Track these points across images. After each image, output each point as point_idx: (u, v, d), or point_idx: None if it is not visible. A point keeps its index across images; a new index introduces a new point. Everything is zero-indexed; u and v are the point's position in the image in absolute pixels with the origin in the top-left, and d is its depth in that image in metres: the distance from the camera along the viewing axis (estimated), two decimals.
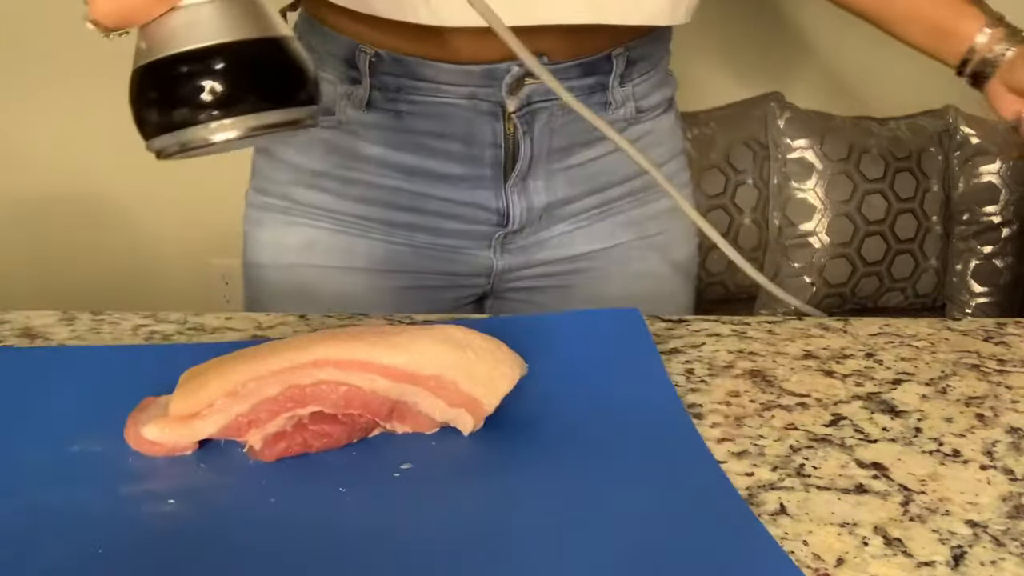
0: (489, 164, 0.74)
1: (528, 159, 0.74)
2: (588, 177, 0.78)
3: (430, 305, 0.79)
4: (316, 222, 0.76)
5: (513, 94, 0.71)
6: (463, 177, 0.75)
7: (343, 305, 0.75)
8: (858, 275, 1.99)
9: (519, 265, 0.80)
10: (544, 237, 0.79)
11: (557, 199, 0.77)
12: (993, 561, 0.40)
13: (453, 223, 0.77)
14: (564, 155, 0.76)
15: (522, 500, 0.43)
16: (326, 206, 0.76)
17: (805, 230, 1.96)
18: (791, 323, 0.67)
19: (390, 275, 0.77)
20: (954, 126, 2.01)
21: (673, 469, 0.46)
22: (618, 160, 0.78)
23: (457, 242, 0.78)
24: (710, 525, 0.42)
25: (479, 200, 0.76)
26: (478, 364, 0.47)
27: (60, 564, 0.38)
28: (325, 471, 0.45)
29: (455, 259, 0.78)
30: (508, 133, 0.73)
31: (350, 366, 0.46)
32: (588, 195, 0.79)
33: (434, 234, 0.77)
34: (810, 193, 1.95)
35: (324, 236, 0.77)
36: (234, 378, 0.46)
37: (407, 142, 0.74)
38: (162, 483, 0.44)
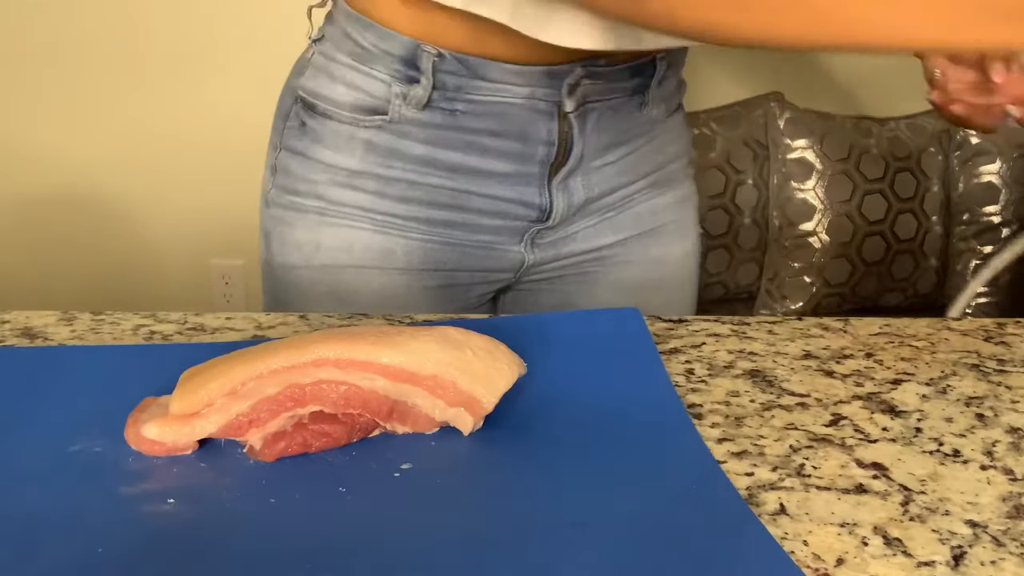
0: (538, 162, 0.75)
1: (579, 157, 0.76)
2: (618, 173, 0.80)
3: (460, 303, 0.80)
4: (354, 222, 0.75)
5: (572, 94, 0.73)
6: (510, 174, 0.75)
7: (380, 306, 0.76)
8: (858, 275, 1.99)
9: (548, 259, 0.81)
10: (572, 231, 0.81)
11: (593, 195, 0.79)
12: (993, 561, 0.40)
13: (492, 219, 0.77)
14: (604, 153, 0.78)
15: (522, 500, 0.43)
16: (364, 205, 0.75)
17: (805, 230, 1.96)
18: (791, 323, 0.67)
19: (427, 274, 0.77)
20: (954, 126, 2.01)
21: (673, 469, 0.46)
22: (641, 156, 0.81)
23: (492, 238, 0.78)
24: (710, 525, 0.42)
25: (523, 197, 0.76)
26: (476, 363, 0.48)
27: (60, 564, 0.38)
28: (325, 471, 0.45)
29: (488, 255, 0.79)
30: (563, 132, 0.74)
31: (350, 365, 0.46)
32: (616, 190, 0.81)
33: (470, 231, 0.77)
34: (810, 193, 1.95)
35: (363, 236, 0.76)
36: (234, 377, 0.46)
37: (457, 140, 0.73)
38: (162, 483, 0.44)
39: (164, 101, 2.03)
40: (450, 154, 0.74)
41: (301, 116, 0.76)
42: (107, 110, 2.04)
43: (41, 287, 2.15)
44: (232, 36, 1.99)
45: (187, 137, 2.07)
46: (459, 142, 0.73)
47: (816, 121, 1.96)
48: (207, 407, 0.46)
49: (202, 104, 2.04)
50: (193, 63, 2.00)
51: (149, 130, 2.04)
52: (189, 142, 2.08)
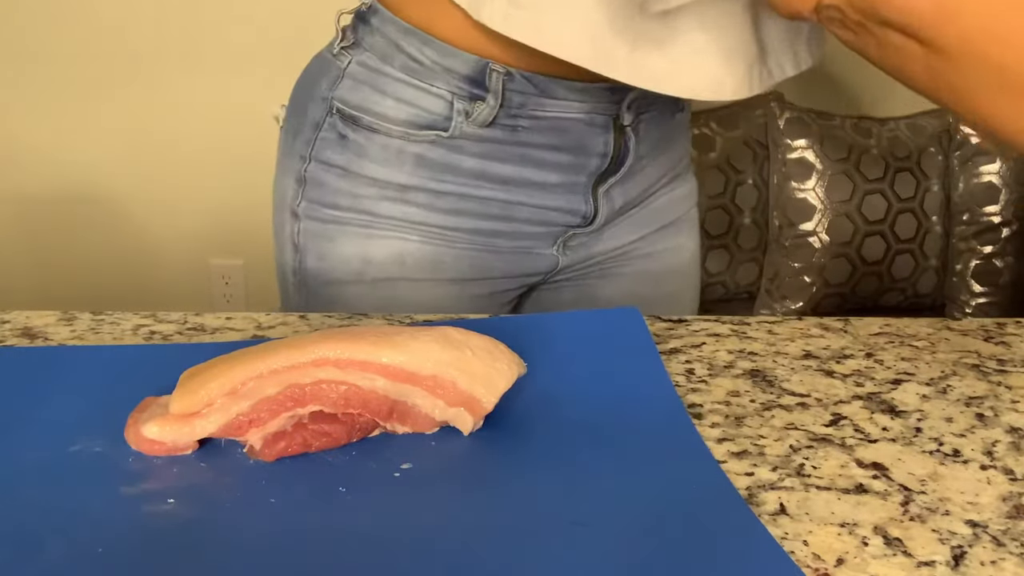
0: (589, 172, 0.76)
1: (629, 165, 0.78)
2: (645, 177, 0.82)
3: (497, 308, 0.80)
4: (403, 234, 0.74)
5: (630, 108, 0.75)
6: (559, 184, 0.75)
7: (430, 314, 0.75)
8: (858, 275, 1.99)
9: (579, 260, 0.82)
10: (601, 232, 0.82)
11: (629, 200, 0.81)
12: (993, 561, 0.40)
13: (535, 227, 0.77)
14: (643, 159, 0.80)
15: (522, 500, 0.43)
16: (414, 219, 0.74)
17: (805, 230, 1.96)
18: (791, 323, 0.67)
19: (475, 283, 0.77)
20: (954, 126, 2.01)
21: (673, 469, 0.46)
22: (667, 155, 0.83)
23: (530, 243, 0.78)
24: (710, 525, 0.42)
25: (570, 205, 0.77)
26: (476, 363, 0.48)
27: (60, 564, 0.38)
28: (325, 471, 0.45)
29: (525, 260, 0.79)
30: (618, 143, 0.75)
31: (350, 365, 0.46)
32: (644, 189, 0.83)
33: (513, 238, 0.77)
34: (810, 193, 1.95)
35: (413, 248, 0.75)
36: (234, 377, 0.46)
37: (512, 154, 0.73)
38: (162, 483, 0.44)
39: (164, 101, 2.03)
40: (503, 167, 0.73)
41: (339, 128, 0.74)
42: (107, 110, 2.04)
43: (41, 287, 2.16)
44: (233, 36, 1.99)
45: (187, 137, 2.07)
46: (515, 156, 0.73)
47: (816, 121, 1.96)
48: (207, 407, 0.46)
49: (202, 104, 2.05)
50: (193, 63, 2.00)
51: (149, 130, 2.04)
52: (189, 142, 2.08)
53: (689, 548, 0.40)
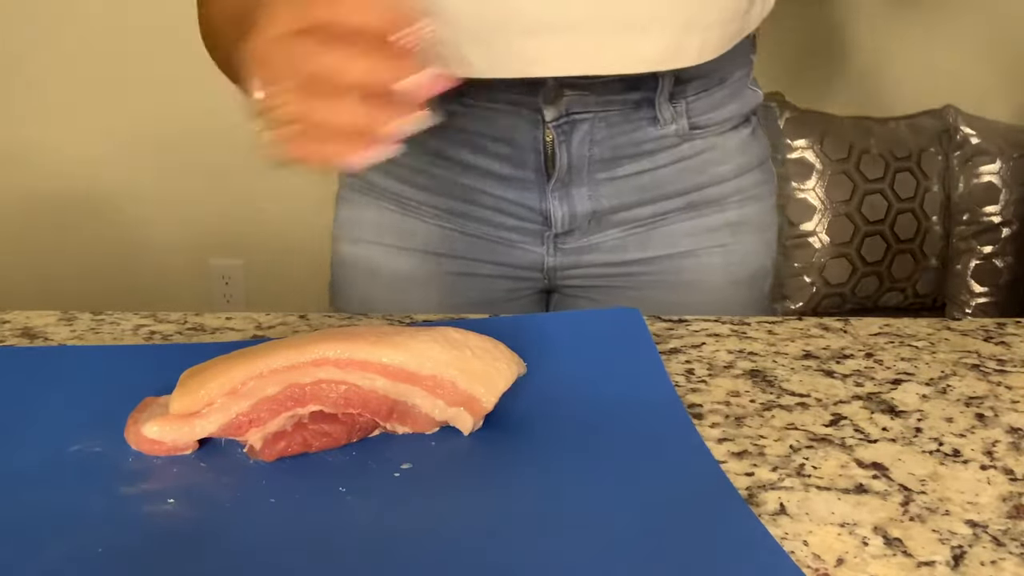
0: (532, 168, 0.76)
1: (566, 168, 0.76)
2: (638, 188, 0.78)
3: (482, 293, 0.83)
4: (386, 203, 0.82)
5: (551, 104, 0.73)
6: (511, 177, 0.77)
7: (403, 283, 0.82)
8: (858, 275, 1.99)
9: (570, 264, 0.81)
10: (596, 241, 0.80)
11: (604, 207, 0.78)
12: (993, 561, 0.40)
13: (505, 218, 0.79)
14: (609, 166, 0.77)
15: (522, 500, 0.43)
16: (395, 190, 0.81)
17: (805, 230, 1.96)
18: (791, 323, 0.67)
19: (445, 259, 0.82)
20: (954, 126, 2.01)
21: (673, 469, 0.46)
22: (674, 173, 0.78)
23: (511, 236, 0.80)
24: (710, 525, 0.42)
25: (524, 201, 0.78)
26: (475, 362, 0.48)
27: (60, 564, 0.38)
28: (325, 471, 0.45)
29: (509, 251, 0.81)
30: (547, 141, 0.74)
31: (350, 365, 0.46)
32: (640, 205, 0.79)
33: (490, 226, 0.80)
34: (810, 193, 1.95)
35: (391, 217, 0.82)
36: (234, 377, 0.46)
37: (462, 140, 0.77)
38: (162, 483, 0.44)
39: (164, 101, 2.03)
40: (460, 151, 0.77)
41: None
42: (107, 109, 2.04)
43: (41, 287, 2.15)
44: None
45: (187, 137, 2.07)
46: (464, 141, 0.76)
47: (816, 121, 1.96)
48: (207, 406, 0.46)
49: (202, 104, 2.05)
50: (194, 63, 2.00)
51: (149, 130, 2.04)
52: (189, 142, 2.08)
53: (689, 548, 0.40)
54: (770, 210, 0.84)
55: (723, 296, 0.82)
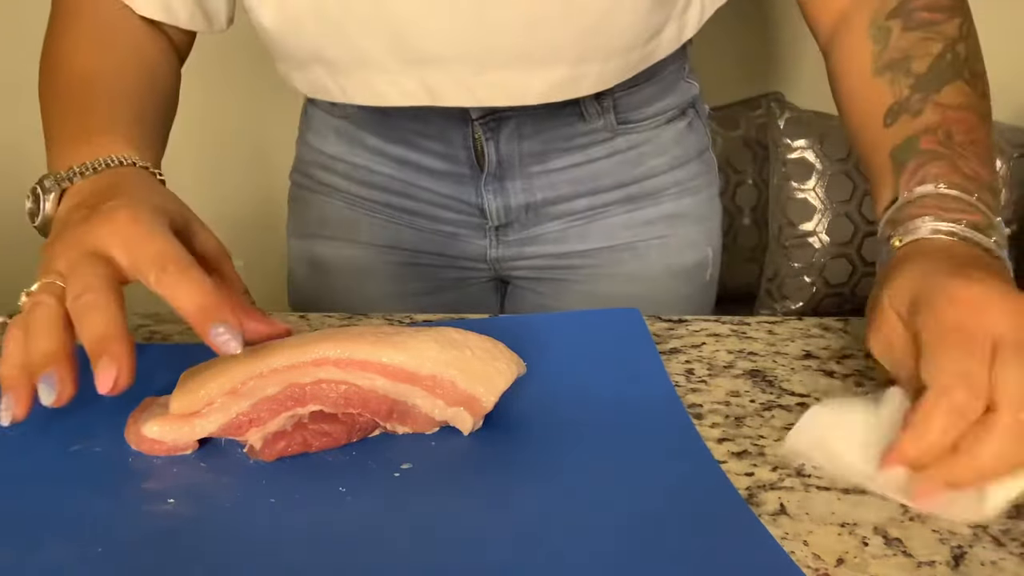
0: (465, 164, 0.78)
1: (495, 163, 0.78)
2: (573, 181, 0.80)
3: (430, 283, 0.85)
4: (330, 199, 0.84)
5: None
6: (445, 172, 0.80)
7: (349, 273, 0.85)
8: (858, 275, 1.99)
9: (513, 256, 0.84)
10: (536, 232, 0.82)
11: (538, 200, 0.80)
12: (993, 561, 0.40)
13: (444, 212, 0.82)
14: (541, 159, 0.78)
15: (522, 500, 0.43)
16: (337, 186, 0.84)
17: (805, 230, 1.96)
18: (791, 323, 0.67)
19: (391, 251, 0.84)
20: None
21: (673, 469, 0.46)
22: (609, 166, 0.80)
23: (453, 228, 0.83)
24: (710, 525, 0.42)
25: (460, 195, 0.80)
26: (475, 362, 0.48)
27: (60, 564, 0.38)
28: (325, 471, 0.45)
29: (452, 243, 0.84)
30: (476, 137, 0.76)
31: (349, 365, 0.46)
32: (577, 197, 0.81)
33: (431, 220, 0.83)
34: (810, 193, 1.95)
35: (334, 211, 0.84)
36: (234, 376, 0.46)
37: (397, 137, 0.79)
38: (162, 483, 0.44)
39: None
40: (396, 148, 0.80)
41: (306, 105, 0.86)
42: None
43: None
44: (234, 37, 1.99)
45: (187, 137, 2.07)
46: (399, 138, 0.79)
47: (816, 121, 1.96)
48: (207, 406, 0.46)
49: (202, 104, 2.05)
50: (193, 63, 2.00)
51: None
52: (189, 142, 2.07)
53: (689, 548, 0.40)
54: (709, 200, 0.86)
55: (663, 287, 0.84)
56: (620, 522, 0.41)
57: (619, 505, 0.43)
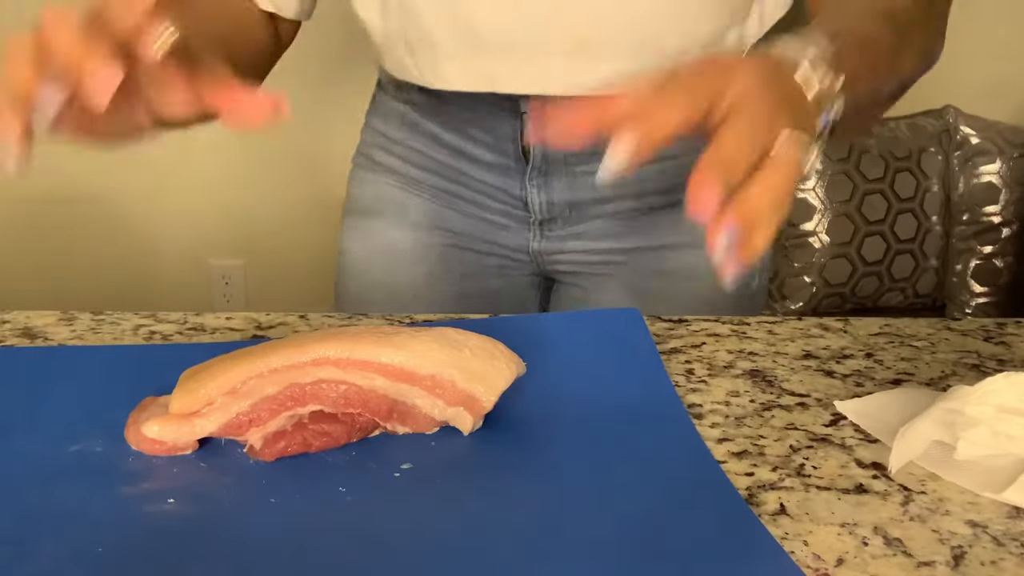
0: (512, 157, 0.79)
1: (541, 157, 0.78)
2: (618, 184, 0.79)
3: (474, 267, 0.86)
4: (385, 178, 0.87)
5: (529, 96, 0.75)
6: (493, 164, 0.81)
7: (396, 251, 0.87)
8: (858, 275, 1.99)
9: (555, 250, 0.84)
10: (580, 229, 0.83)
11: (582, 199, 0.80)
12: (993, 561, 0.40)
13: (490, 201, 0.83)
14: (587, 160, 0.78)
15: (522, 500, 0.43)
16: (394, 168, 0.86)
17: (805, 230, 1.96)
18: (791, 323, 0.67)
19: (438, 232, 0.86)
20: (954, 126, 2.01)
21: (673, 469, 0.46)
22: (654, 171, 0.79)
23: (498, 218, 0.84)
24: (710, 525, 0.42)
25: (505, 186, 0.81)
26: (475, 361, 0.48)
27: (60, 564, 0.38)
28: (325, 471, 0.45)
29: (497, 232, 0.85)
30: (524, 131, 0.77)
31: (349, 365, 0.46)
32: (620, 199, 0.81)
33: (479, 207, 0.84)
34: (810, 193, 1.95)
35: (388, 191, 0.87)
36: (234, 376, 0.46)
37: (453, 125, 0.81)
38: (162, 483, 0.44)
39: None
40: (450, 135, 0.81)
41: (376, 92, 0.89)
42: None
43: (41, 287, 2.15)
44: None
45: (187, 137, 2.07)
46: (454, 127, 0.81)
47: None
48: (207, 406, 0.46)
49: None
50: None
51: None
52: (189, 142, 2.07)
53: (689, 548, 0.40)
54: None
55: (708, 289, 0.83)
56: (620, 522, 0.41)
57: (619, 505, 0.43)
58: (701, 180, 0.41)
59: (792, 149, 0.43)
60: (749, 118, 0.43)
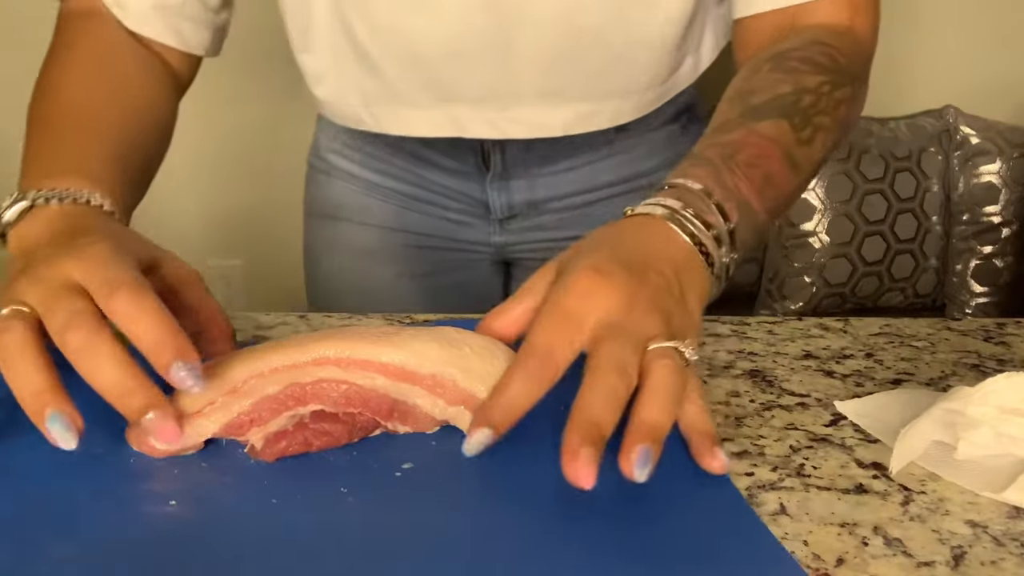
0: (472, 165, 0.83)
1: (501, 165, 0.82)
2: (574, 180, 0.85)
3: (438, 263, 0.89)
4: (344, 182, 0.89)
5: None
6: (454, 170, 0.84)
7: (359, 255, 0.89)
8: (858, 275, 1.99)
9: (515, 241, 0.89)
10: (538, 222, 0.87)
11: (540, 198, 0.85)
12: (993, 561, 0.40)
13: (451, 203, 0.86)
14: (545, 163, 0.83)
15: (522, 500, 0.43)
16: (352, 172, 0.88)
17: (805, 230, 1.96)
18: (791, 323, 0.67)
19: (400, 234, 0.88)
20: (954, 126, 2.01)
21: (673, 469, 0.46)
22: (607, 166, 0.84)
23: (459, 217, 0.87)
24: (711, 525, 0.42)
25: (467, 190, 0.85)
26: (474, 360, 0.48)
27: (60, 565, 0.38)
28: (326, 471, 0.45)
29: (458, 229, 0.88)
30: (484, 144, 0.81)
31: (350, 364, 0.46)
32: (576, 194, 0.85)
33: (440, 208, 0.87)
34: (810, 193, 1.95)
35: (349, 194, 0.88)
36: (235, 376, 0.46)
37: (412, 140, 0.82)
38: (163, 484, 0.44)
39: None
40: (409, 143, 0.83)
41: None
42: None
43: None
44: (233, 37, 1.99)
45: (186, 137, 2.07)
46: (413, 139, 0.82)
47: None
48: (208, 405, 0.46)
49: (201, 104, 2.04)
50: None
51: None
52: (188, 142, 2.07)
53: (689, 548, 0.40)
54: None
55: None
56: (620, 521, 0.41)
57: (618, 505, 0.43)
58: (572, 451, 0.41)
59: (664, 368, 0.44)
60: (608, 361, 0.43)
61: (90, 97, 0.64)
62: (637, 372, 0.44)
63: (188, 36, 0.74)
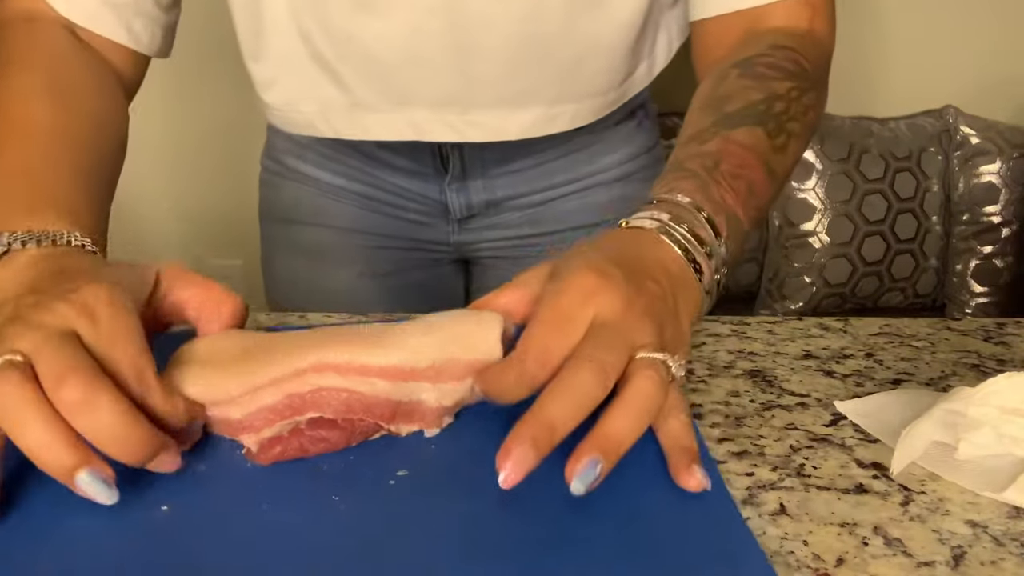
0: (431, 166, 0.83)
1: (459, 168, 0.83)
2: (531, 179, 0.86)
3: (399, 263, 0.90)
4: (300, 184, 0.88)
5: None
6: (412, 171, 0.84)
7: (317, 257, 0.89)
8: (858, 275, 1.99)
9: (473, 240, 0.90)
10: (495, 221, 0.88)
11: (497, 197, 0.86)
12: (993, 561, 0.40)
13: (409, 203, 0.87)
14: (502, 163, 0.84)
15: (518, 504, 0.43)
16: (309, 173, 0.88)
17: (805, 230, 1.96)
18: (791, 323, 0.67)
19: (359, 235, 0.88)
20: (954, 126, 2.01)
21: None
22: (564, 163, 0.85)
23: (419, 217, 0.88)
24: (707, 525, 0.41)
25: (424, 192, 0.86)
26: (460, 328, 0.48)
27: (55, 568, 0.38)
28: (321, 478, 0.45)
29: (417, 229, 0.89)
30: (441, 146, 0.81)
31: (349, 371, 0.46)
32: (533, 193, 0.87)
33: (399, 208, 0.88)
34: (810, 193, 1.95)
35: (306, 197, 0.88)
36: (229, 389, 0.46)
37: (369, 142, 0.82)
38: (156, 489, 0.44)
39: (163, 101, 2.03)
40: (367, 145, 0.83)
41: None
42: None
43: None
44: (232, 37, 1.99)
45: (186, 136, 2.07)
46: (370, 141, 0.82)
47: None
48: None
49: (201, 103, 2.05)
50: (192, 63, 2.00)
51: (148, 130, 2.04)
52: (188, 142, 2.08)
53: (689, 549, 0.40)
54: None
55: None
56: (620, 523, 0.41)
57: (618, 506, 0.42)
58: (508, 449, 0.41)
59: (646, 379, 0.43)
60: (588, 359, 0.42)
61: (46, 114, 0.59)
62: (617, 377, 0.43)
63: (139, 34, 0.70)
